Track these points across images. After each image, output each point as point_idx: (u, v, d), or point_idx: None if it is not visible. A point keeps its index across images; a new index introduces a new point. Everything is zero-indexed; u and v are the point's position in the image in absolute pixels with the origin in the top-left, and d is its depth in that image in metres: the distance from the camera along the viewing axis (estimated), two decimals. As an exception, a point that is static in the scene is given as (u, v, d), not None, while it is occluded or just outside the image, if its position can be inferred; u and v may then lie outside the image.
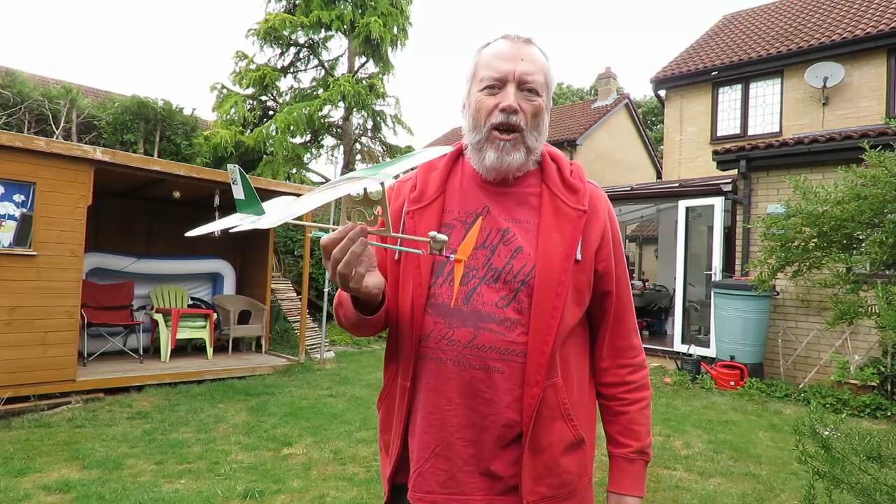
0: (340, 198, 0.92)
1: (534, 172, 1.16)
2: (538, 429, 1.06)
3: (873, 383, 5.64)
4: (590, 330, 1.22)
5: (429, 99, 72.13)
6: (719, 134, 11.24)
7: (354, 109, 13.72)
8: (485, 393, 1.05)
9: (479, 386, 1.05)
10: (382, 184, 0.89)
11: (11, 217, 4.91)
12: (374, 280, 0.99)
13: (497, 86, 1.08)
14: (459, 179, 1.17)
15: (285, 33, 13.32)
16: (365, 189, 0.89)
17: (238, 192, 0.90)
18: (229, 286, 8.21)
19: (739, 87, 11.12)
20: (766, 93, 10.83)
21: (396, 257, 1.15)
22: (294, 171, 13.66)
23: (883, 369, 5.74)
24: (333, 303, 1.15)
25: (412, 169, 1.17)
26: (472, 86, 1.14)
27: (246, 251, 8.67)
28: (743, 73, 10.90)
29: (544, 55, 1.14)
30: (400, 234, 0.98)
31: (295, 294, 9.40)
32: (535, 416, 1.05)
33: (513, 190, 1.14)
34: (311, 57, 14.38)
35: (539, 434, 1.06)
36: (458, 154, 1.21)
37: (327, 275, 1.06)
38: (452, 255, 0.93)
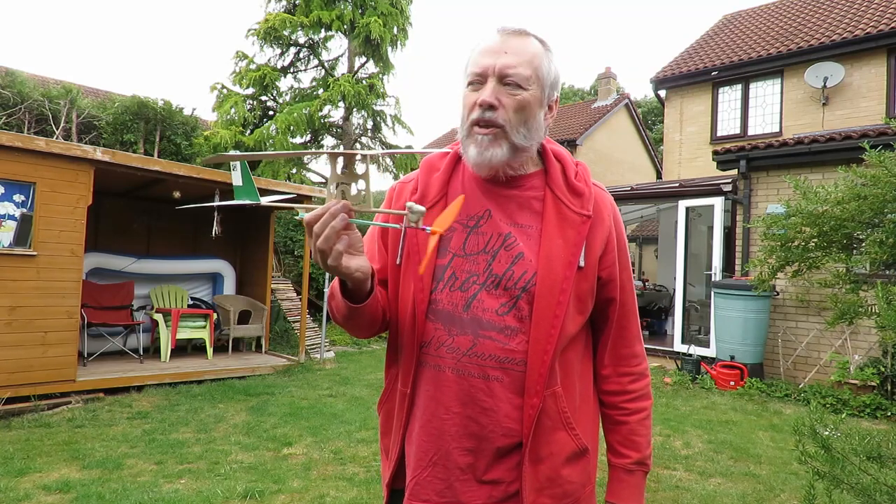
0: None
1: (537, 174, 1.12)
2: (539, 439, 1.04)
3: (873, 383, 5.63)
4: (593, 335, 1.19)
5: (429, 99, 72.14)
6: (719, 134, 11.24)
7: (354, 109, 13.72)
8: (484, 402, 1.03)
9: (479, 395, 1.04)
10: (367, 157, 0.90)
11: (11, 217, 4.91)
12: (356, 262, 0.95)
13: (479, 81, 1.05)
14: (461, 181, 1.14)
15: (285, 33, 13.30)
16: (350, 162, 0.90)
17: (237, 179, 0.94)
18: (229, 286, 8.21)
19: (739, 87, 11.12)
20: (766, 93, 10.83)
21: (399, 262, 1.12)
22: (294, 171, 13.65)
23: (883, 369, 5.73)
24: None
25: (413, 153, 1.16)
26: (463, 82, 1.11)
27: (246, 251, 8.67)
28: (743, 73, 10.90)
29: (542, 45, 1.08)
30: (380, 210, 0.96)
31: (295, 294, 9.40)
32: (535, 427, 1.03)
33: (515, 192, 1.11)
34: (311, 57, 14.37)
35: (540, 444, 1.04)
36: (460, 154, 1.17)
37: (327, 274, 1.06)
38: (429, 228, 0.92)
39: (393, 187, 1.21)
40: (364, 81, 13.69)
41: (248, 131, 13.44)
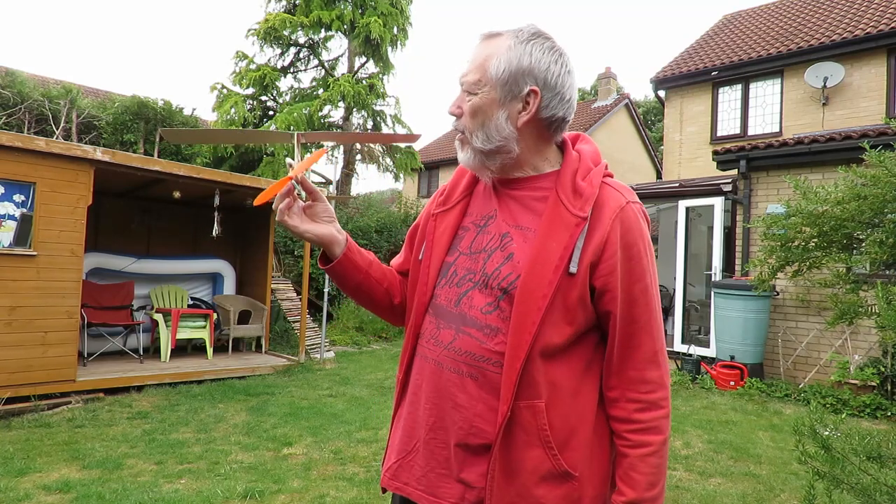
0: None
1: (552, 174, 1.09)
2: (511, 451, 1.00)
3: (873, 383, 5.63)
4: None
5: (429, 99, 72.17)
6: (719, 134, 11.24)
7: (354, 109, 13.72)
8: (456, 397, 1.04)
9: (452, 389, 1.05)
10: (293, 134, 1.08)
11: (11, 217, 4.91)
12: (307, 227, 1.11)
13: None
14: (484, 183, 1.18)
15: (285, 33, 13.31)
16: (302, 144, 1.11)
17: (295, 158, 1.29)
18: (229, 286, 8.21)
19: (739, 87, 11.12)
20: (766, 93, 10.83)
21: (421, 257, 1.17)
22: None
23: (883, 369, 5.73)
24: None
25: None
26: None
27: (246, 251, 8.67)
28: (743, 73, 10.90)
29: (513, 39, 1.03)
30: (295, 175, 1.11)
31: (295, 294, 9.40)
32: (504, 435, 0.99)
33: (520, 193, 1.10)
34: (311, 57, 14.38)
35: (512, 457, 1.00)
36: None
37: (327, 274, 1.20)
38: (290, 173, 1.08)
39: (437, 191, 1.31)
40: (364, 81, 13.70)
41: (248, 131, 13.42)
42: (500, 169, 1.09)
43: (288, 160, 1.09)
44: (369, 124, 14.49)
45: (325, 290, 8.07)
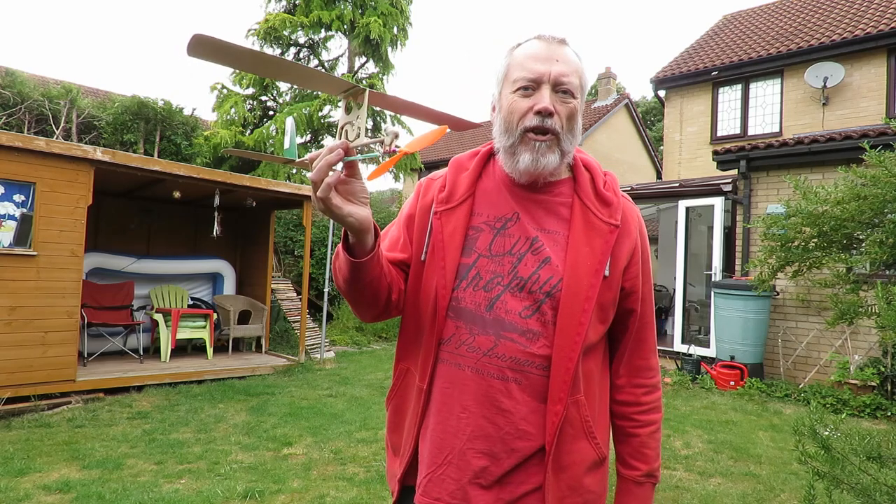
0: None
1: (566, 181, 1.13)
2: (562, 447, 1.04)
3: (873, 383, 5.63)
4: (609, 345, 1.20)
5: (429, 99, 72.20)
6: (719, 134, 11.24)
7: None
8: (502, 403, 1.04)
9: (497, 396, 1.04)
10: (365, 90, 0.94)
11: (11, 217, 4.91)
12: (350, 208, 0.93)
13: (531, 87, 1.05)
14: (489, 182, 1.15)
15: (285, 33, 13.30)
16: (350, 100, 0.94)
17: (287, 143, 1.34)
18: (229, 286, 8.21)
19: (739, 87, 11.12)
20: (766, 93, 10.83)
21: (423, 258, 1.12)
22: (294, 171, 13.66)
23: (883, 369, 5.73)
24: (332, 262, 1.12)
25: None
26: (503, 87, 1.10)
27: (246, 251, 8.67)
28: (743, 73, 10.91)
29: (578, 57, 1.10)
30: (370, 140, 0.96)
31: (295, 294, 9.40)
32: (559, 434, 1.03)
33: (544, 197, 1.11)
34: (312, 57, 14.37)
35: (563, 453, 1.04)
36: (489, 155, 1.18)
37: (327, 274, 1.10)
38: (398, 148, 0.93)
39: (420, 182, 1.22)
40: (364, 81, 13.70)
41: (248, 131, 13.44)
42: (555, 174, 1.11)
43: (390, 128, 0.94)
44: (369, 124, 14.48)
45: (325, 290, 8.06)
